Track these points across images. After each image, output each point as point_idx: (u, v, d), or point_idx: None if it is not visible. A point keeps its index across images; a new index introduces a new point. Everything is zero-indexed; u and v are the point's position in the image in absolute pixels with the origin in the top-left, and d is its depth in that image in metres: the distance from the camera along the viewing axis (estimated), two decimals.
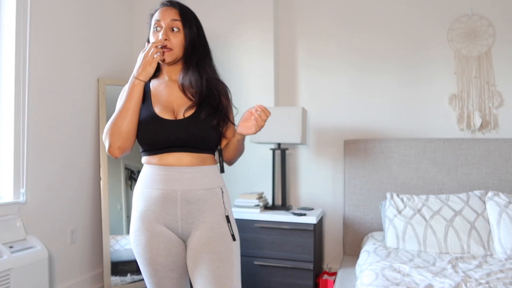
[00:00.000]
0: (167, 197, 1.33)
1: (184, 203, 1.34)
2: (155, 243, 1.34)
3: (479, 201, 2.30)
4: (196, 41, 1.42)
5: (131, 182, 2.90)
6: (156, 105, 1.38)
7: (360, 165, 2.76)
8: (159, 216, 1.34)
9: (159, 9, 1.42)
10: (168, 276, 1.36)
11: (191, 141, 1.35)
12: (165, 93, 1.42)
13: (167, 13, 1.39)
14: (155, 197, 1.34)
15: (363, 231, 2.72)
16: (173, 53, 1.39)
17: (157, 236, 1.34)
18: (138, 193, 1.39)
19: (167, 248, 1.35)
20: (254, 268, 2.57)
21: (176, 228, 1.35)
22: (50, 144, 2.49)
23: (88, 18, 2.79)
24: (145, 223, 1.35)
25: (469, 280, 1.70)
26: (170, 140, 1.34)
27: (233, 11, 3.04)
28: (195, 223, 1.35)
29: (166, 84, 1.44)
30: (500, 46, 2.64)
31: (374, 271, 1.82)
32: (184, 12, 1.41)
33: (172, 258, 1.36)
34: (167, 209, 1.34)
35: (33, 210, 2.36)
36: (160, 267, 1.34)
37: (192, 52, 1.41)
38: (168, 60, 1.39)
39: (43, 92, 2.43)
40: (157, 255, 1.34)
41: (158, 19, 1.39)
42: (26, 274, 2.07)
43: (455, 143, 2.59)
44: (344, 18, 2.96)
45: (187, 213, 1.34)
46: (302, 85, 3.05)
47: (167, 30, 1.38)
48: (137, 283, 2.75)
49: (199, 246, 1.34)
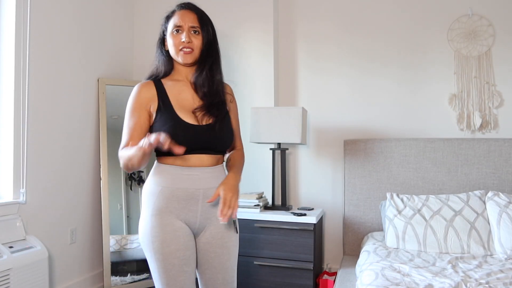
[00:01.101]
0: (191, 195, 1.43)
1: (205, 200, 1.45)
2: (175, 238, 1.41)
3: (479, 201, 2.30)
4: (212, 43, 1.51)
5: (131, 182, 2.90)
6: (177, 109, 1.44)
7: (360, 165, 2.76)
8: (180, 213, 1.43)
9: (177, 11, 1.49)
10: (182, 271, 1.42)
11: (214, 145, 1.47)
12: (184, 96, 1.49)
13: (187, 16, 1.47)
14: (177, 195, 1.43)
15: (363, 231, 2.72)
16: (193, 54, 1.47)
17: (177, 231, 1.42)
18: (156, 191, 1.44)
19: (185, 242, 1.43)
20: (254, 268, 2.57)
21: (194, 223, 1.46)
22: (50, 144, 2.49)
23: (88, 18, 2.79)
24: (165, 219, 1.41)
25: (469, 280, 1.69)
26: (196, 144, 1.43)
27: (234, 12, 3.04)
28: (211, 218, 1.47)
29: (184, 85, 1.51)
30: (500, 46, 2.64)
31: (374, 271, 1.82)
32: (202, 16, 1.50)
33: (188, 252, 1.44)
34: (189, 206, 1.44)
35: (33, 210, 2.36)
36: (177, 261, 1.40)
37: (207, 54, 1.50)
38: (190, 61, 1.47)
39: (43, 92, 2.43)
40: (177, 249, 1.41)
41: (179, 24, 1.46)
42: (26, 274, 2.07)
43: (455, 143, 2.60)
44: (344, 18, 2.96)
45: (206, 209, 1.46)
46: (302, 85, 3.05)
47: (189, 33, 1.45)
48: (137, 283, 2.75)
49: (212, 240, 1.48)
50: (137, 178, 2.92)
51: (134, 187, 2.90)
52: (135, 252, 2.80)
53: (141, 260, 2.80)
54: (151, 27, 3.24)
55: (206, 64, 1.49)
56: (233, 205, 1.38)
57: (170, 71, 1.54)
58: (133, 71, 3.30)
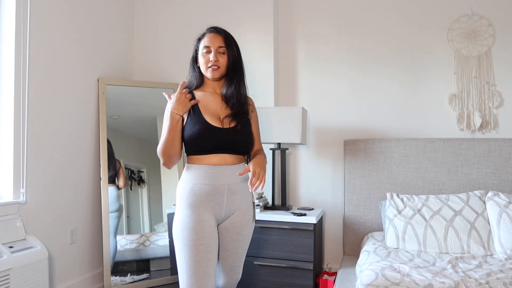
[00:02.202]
0: (217, 190, 1.67)
1: (229, 194, 1.69)
2: (202, 227, 1.62)
3: (479, 201, 2.30)
4: (237, 61, 1.77)
5: (131, 182, 2.90)
6: (205, 114, 1.70)
7: (360, 165, 2.76)
8: (209, 206, 1.66)
9: (207, 34, 1.75)
10: (206, 258, 1.61)
11: (235, 146, 1.71)
12: (212, 104, 1.75)
13: (215, 39, 1.73)
14: (206, 191, 1.66)
15: (363, 231, 2.72)
16: (220, 70, 1.73)
17: (204, 221, 1.63)
18: (187, 188, 1.67)
19: (210, 232, 1.64)
20: (254, 268, 2.57)
21: (220, 214, 1.70)
22: (50, 144, 2.49)
23: (88, 18, 2.79)
24: (195, 211, 1.64)
25: (469, 280, 1.70)
26: (219, 144, 1.68)
27: (234, 12, 3.04)
28: (234, 209, 1.72)
29: (211, 96, 1.77)
30: (500, 46, 2.65)
31: (374, 271, 1.82)
32: (228, 38, 1.75)
33: (212, 241, 1.64)
34: (216, 200, 1.67)
35: (33, 210, 2.36)
36: (202, 247, 1.60)
37: (233, 70, 1.76)
38: (216, 76, 1.74)
39: (43, 92, 2.43)
40: (202, 237, 1.61)
41: (207, 45, 1.72)
42: (26, 274, 2.07)
43: (455, 143, 2.60)
44: (344, 18, 2.96)
45: (231, 202, 1.70)
46: (302, 85, 3.05)
47: (216, 53, 1.72)
48: (137, 283, 2.75)
49: (231, 228, 1.73)
50: (137, 178, 2.92)
51: (134, 187, 2.90)
52: (135, 252, 2.80)
53: (141, 260, 2.80)
54: (151, 27, 3.25)
55: (235, 79, 1.76)
56: (261, 178, 1.61)
57: (201, 84, 1.81)
58: (133, 71, 3.30)
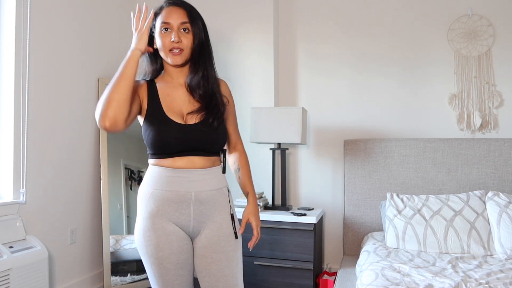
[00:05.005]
0: (181, 198, 1.35)
1: (197, 204, 1.37)
2: (168, 242, 1.35)
3: (479, 201, 2.30)
4: (203, 41, 1.41)
5: (131, 182, 2.90)
6: (166, 108, 1.38)
7: (360, 165, 2.76)
8: (172, 216, 1.36)
9: (165, 8, 1.38)
10: (178, 274, 1.38)
11: (204, 145, 1.38)
12: (173, 96, 1.41)
13: (176, 13, 1.36)
14: (168, 198, 1.35)
15: (363, 231, 2.72)
16: (183, 54, 1.37)
17: (170, 235, 1.35)
18: (147, 193, 1.38)
19: (180, 246, 1.37)
20: (254, 268, 2.57)
21: (188, 227, 1.38)
22: (50, 144, 2.49)
23: (88, 18, 2.79)
24: (156, 223, 1.35)
25: (469, 280, 1.69)
26: (183, 144, 1.35)
27: (234, 13, 3.04)
28: (205, 222, 1.39)
29: (173, 87, 1.43)
30: (500, 46, 2.64)
31: (374, 271, 1.82)
32: (192, 12, 1.39)
33: (184, 255, 1.38)
34: (181, 210, 1.36)
35: (33, 210, 2.36)
36: (172, 265, 1.36)
37: (200, 53, 1.40)
38: (179, 62, 1.37)
39: (43, 92, 2.43)
40: (170, 253, 1.35)
41: (167, 21, 1.35)
42: (26, 274, 2.07)
43: (455, 143, 2.60)
44: (344, 18, 2.96)
45: (199, 213, 1.38)
46: (302, 85, 3.05)
47: (178, 32, 1.35)
48: (137, 283, 2.75)
49: (208, 245, 1.39)
50: (137, 178, 2.92)
51: (134, 187, 2.90)
52: (135, 252, 2.80)
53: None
54: None
55: (201, 64, 1.40)
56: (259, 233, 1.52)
57: (160, 71, 1.47)
58: None
